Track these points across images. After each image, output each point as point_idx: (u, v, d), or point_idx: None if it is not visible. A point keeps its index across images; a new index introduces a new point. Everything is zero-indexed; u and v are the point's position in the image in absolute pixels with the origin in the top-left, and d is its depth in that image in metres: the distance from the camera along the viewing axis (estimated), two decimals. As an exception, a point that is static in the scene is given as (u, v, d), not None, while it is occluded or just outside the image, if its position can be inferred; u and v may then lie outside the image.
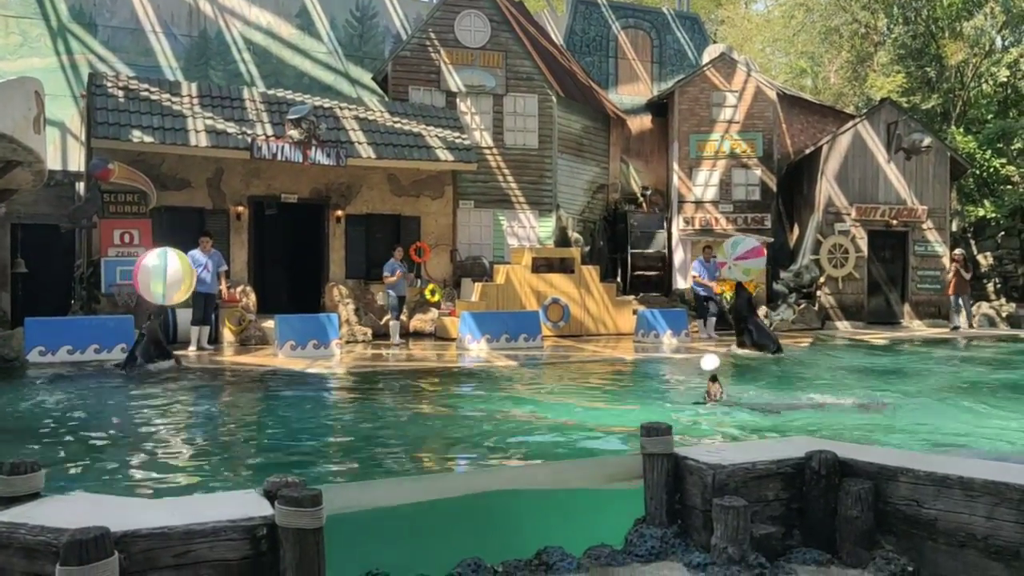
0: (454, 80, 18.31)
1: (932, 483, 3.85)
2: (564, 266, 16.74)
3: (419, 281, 16.12)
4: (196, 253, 12.89)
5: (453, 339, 14.59)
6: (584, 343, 14.90)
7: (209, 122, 14.92)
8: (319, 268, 16.43)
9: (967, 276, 18.74)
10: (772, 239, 20.04)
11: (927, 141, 19.70)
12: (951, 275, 18.97)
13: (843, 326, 19.40)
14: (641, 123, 22.51)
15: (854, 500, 3.97)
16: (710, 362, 9.84)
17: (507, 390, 10.00)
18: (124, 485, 5.19)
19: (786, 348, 14.51)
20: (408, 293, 15.34)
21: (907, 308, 20.38)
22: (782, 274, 19.75)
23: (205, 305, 13.14)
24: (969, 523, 3.70)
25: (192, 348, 12.75)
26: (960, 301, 18.86)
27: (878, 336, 17.22)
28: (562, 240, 18.47)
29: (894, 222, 20.13)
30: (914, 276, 20.34)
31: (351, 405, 8.83)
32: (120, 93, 14.86)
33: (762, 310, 18.83)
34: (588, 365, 12.31)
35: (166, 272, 10.71)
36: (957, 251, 19.30)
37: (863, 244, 19.99)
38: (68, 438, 6.73)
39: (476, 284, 16.08)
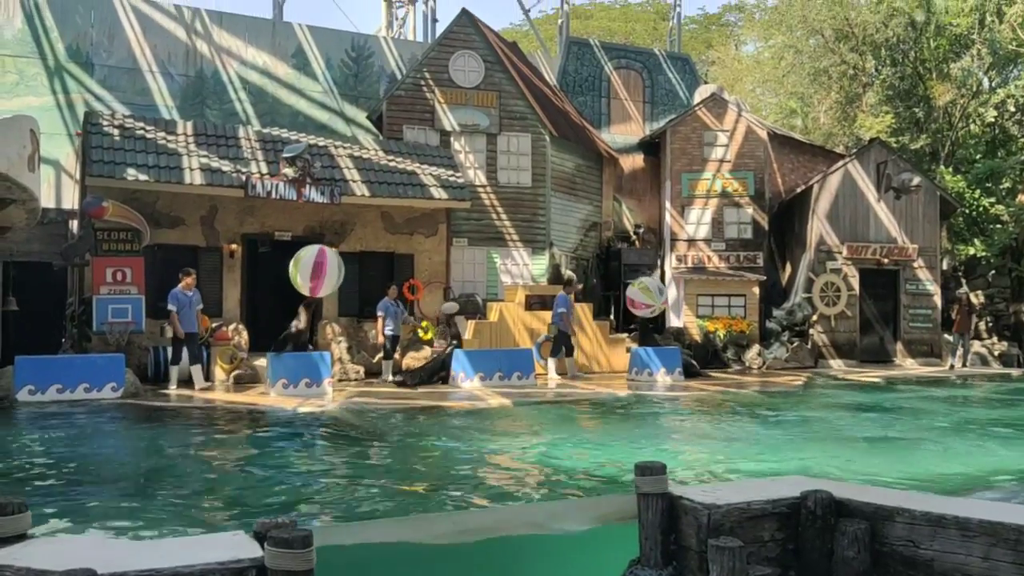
0: (448, 119, 18.46)
1: (928, 523, 3.83)
2: (557, 304, 16.69)
3: (412, 319, 16.10)
4: (178, 292, 12.87)
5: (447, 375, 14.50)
6: (577, 381, 14.84)
7: (204, 160, 14.99)
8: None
9: (973, 315, 18.89)
10: (764, 277, 20.13)
11: (916, 180, 19.90)
12: (956, 314, 19.11)
13: (836, 364, 19.40)
14: (633, 162, 22.69)
15: (850, 541, 3.94)
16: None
17: (500, 428, 9.94)
18: (111, 526, 5.12)
19: (779, 387, 14.52)
20: (402, 331, 15.31)
21: (899, 346, 20.41)
22: (775, 312, 19.79)
23: (195, 343, 13.10)
24: (965, 564, 3.68)
25: (198, 387, 12.67)
26: (962, 340, 18.96)
27: (873, 375, 17.22)
28: (556, 278, 18.50)
29: (885, 260, 20.24)
30: (906, 314, 20.40)
31: (342, 445, 8.76)
32: (115, 131, 14.94)
33: (755, 348, 18.87)
34: (582, 403, 12.26)
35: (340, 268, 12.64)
36: (962, 290, 19.44)
37: (855, 282, 20.08)
38: (56, 479, 6.65)
39: (469, 322, 16.05)
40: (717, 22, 44.32)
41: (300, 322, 13.01)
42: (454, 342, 14.79)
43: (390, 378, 14.38)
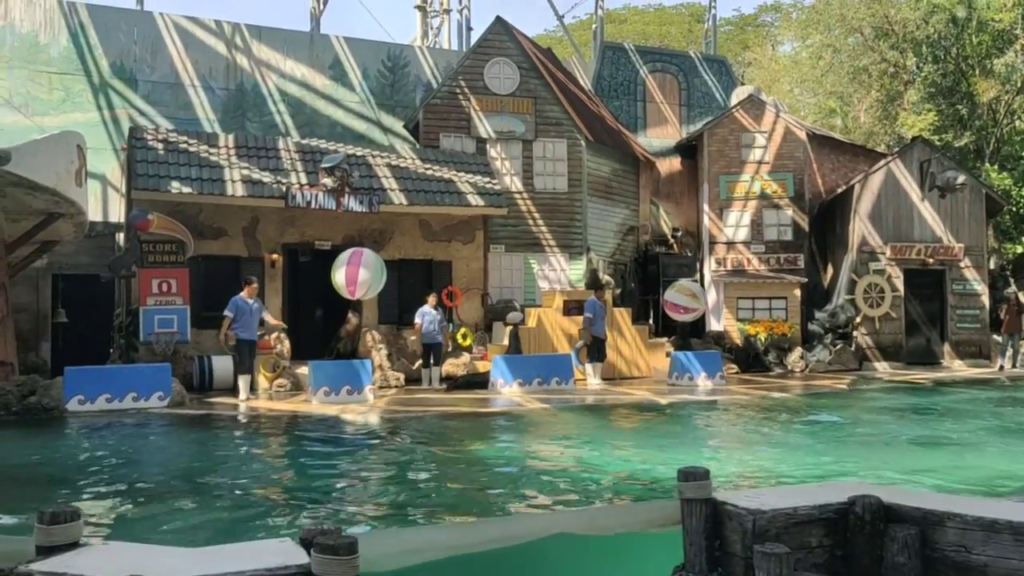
0: (484, 126, 18.53)
1: (981, 528, 3.74)
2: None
3: (451, 325, 16.14)
4: (239, 299, 12.88)
5: (485, 382, 14.53)
6: (617, 386, 14.78)
7: (245, 172, 15.22)
8: (346, 312, 16.50)
9: (1022, 315, 18.43)
10: (806, 279, 19.85)
11: (961, 179, 19.50)
12: (1005, 314, 18.66)
13: (881, 367, 19.05)
14: (670, 165, 22.56)
15: (901, 546, 3.87)
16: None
17: (541, 434, 9.93)
18: (161, 532, 5.21)
19: (823, 390, 14.31)
20: (443, 339, 15.19)
21: (947, 348, 19.99)
22: (817, 314, 19.51)
23: (250, 354, 12.96)
24: (1020, 569, 3.59)
25: (241, 396, 12.65)
26: (1011, 341, 18.52)
27: (920, 377, 16.89)
28: (593, 282, 18.43)
29: (930, 260, 19.85)
30: (953, 315, 19.98)
31: (385, 451, 8.81)
32: (160, 145, 15.23)
33: (797, 351, 18.62)
34: (621, 408, 12.20)
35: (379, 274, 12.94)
36: (1010, 289, 18.98)
37: (899, 283, 19.72)
38: (107, 486, 6.78)
39: (507, 327, 16.06)
40: (753, 23, 43.93)
41: (349, 326, 13.24)
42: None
43: (436, 384, 14.26)
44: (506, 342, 15.55)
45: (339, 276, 12.89)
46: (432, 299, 14.98)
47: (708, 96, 24.09)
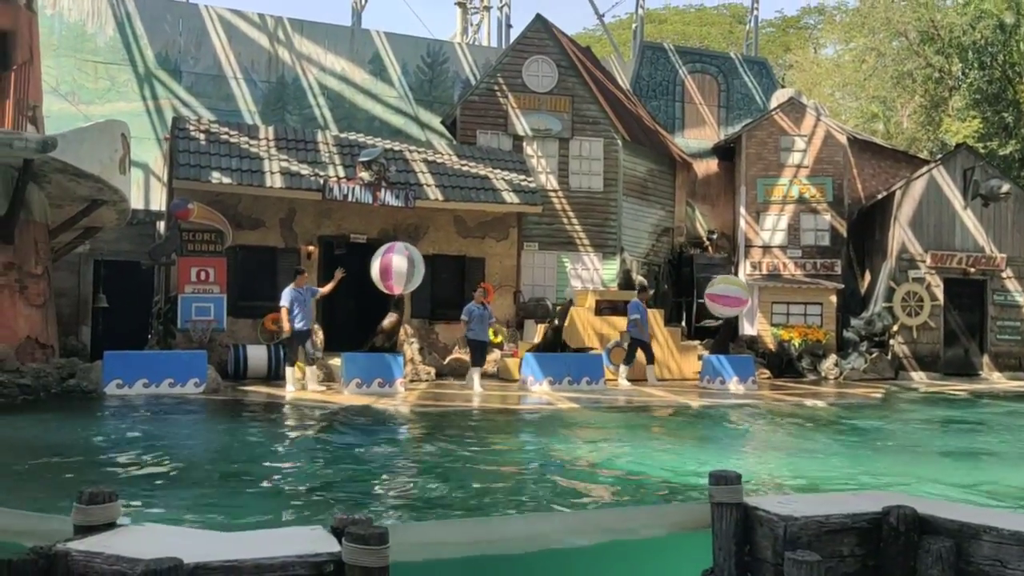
0: (521, 124, 18.53)
1: (1017, 543, 3.67)
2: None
3: (498, 323, 16.10)
4: (291, 289, 12.85)
5: (515, 380, 14.56)
6: (648, 387, 14.70)
7: (284, 164, 15.37)
8: (385, 308, 16.60)
9: None
10: (842, 285, 19.60)
11: (1006, 188, 19.11)
12: None
13: (918, 376, 18.76)
14: (707, 167, 22.40)
15: (934, 559, 3.81)
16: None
17: (569, 433, 9.92)
18: (197, 516, 5.29)
19: (857, 398, 14.12)
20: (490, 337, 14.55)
21: (986, 359, 19.62)
22: (853, 321, 19.26)
23: (301, 344, 12.85)
24: (1060, 588, 3.51)
25: (289, 388, 12.46)
26: None
27: (958, 388, 16.61)
28: (626, 283, 18.37)
29: (972, 270, 19.50)
30: (993, 326, 19.60)
31: (413, 445, 8.86)
32: (201, 136, 15.44)
33: (831, 358, 18.40)
34: (652, 410, 12.14)
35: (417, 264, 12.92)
36: None
37: (939, 292, 19.38)
38: (145, 469, 6.89)
39: (539, 325, 16.06)
40: (795, 25, 43.38)
41: (385, 322, 13.23)
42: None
43: (476, 388, 13.34)
44: (536, 339, 15.54)
45: (375, 273, 12.92)
46: (479, 294, 14.32)
47: (748, 98, 23.87)
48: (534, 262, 18.19)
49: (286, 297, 12.75)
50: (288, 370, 12.81)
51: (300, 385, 12.66)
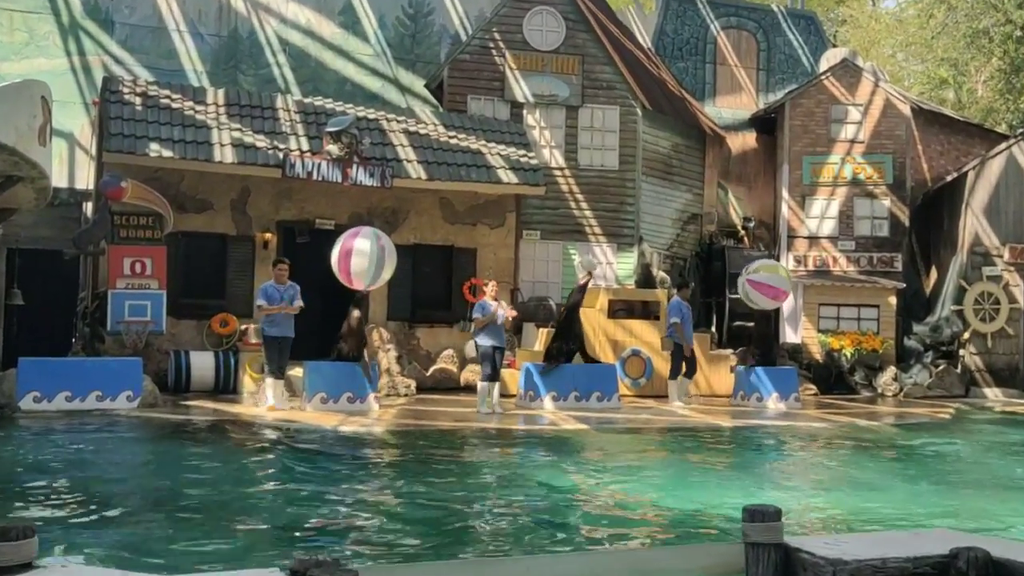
0: (521, 89, 18.53)
1: (1112, 594, 3.68)
2: (647, 311, 16.60)
3: (470, 325, 16.08)
4: (268, 286, 12.76)
5: (512, 396, 14.56)
6: (669, 405, 14.71)
7: (236, 135, 15.37)
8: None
9: None
10: (903, 284, 19.65)
11: (1100, 168, 19.18)
12: None
13: (992, 394, 18.81)
14: (743, 141, 22.41)
15: (1012, 611, 3.82)
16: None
17: (580, 459, 9.94)
18: (131, 555, 5.29)
19: (920, 419, 14.16)
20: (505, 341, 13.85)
21: (1075, 374, 19.68)
22: (915, 328, 19.31)
23: (279, 353, 12.62)
24: None
25: (268, 403, 12.33)
26: None
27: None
28: (645, 280, 18.39)
29: (1058, 267, 19.56)
30: (1084, 335, 19.66)
31: (391, 472, 8.87)
32: (137, 100, 15.42)
33: (890, 371, 18.44)
34: (675, 432, 12.17)
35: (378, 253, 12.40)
36: None
37: (1018, 293, 19.43)
38: (65, 500, 6.89)
39: (541, 330, 16.08)
40: (850, -28, 43.41)
41: (344, 328, 13.07)
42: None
43: (484, 409, 12.87)
44: (538, 347, 15.55)
45: (334, 263, 12.73)
46: (492, 289, 13.68)
47: (792, 59, 23.89)
48: (535, 254, 18.20)
49: (262, 295, 12.64)
50: (268, 382, 12.63)
51: (263, 400, 12.55)
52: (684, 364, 15.12)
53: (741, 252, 20.31)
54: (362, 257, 12.43)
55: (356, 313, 13.19)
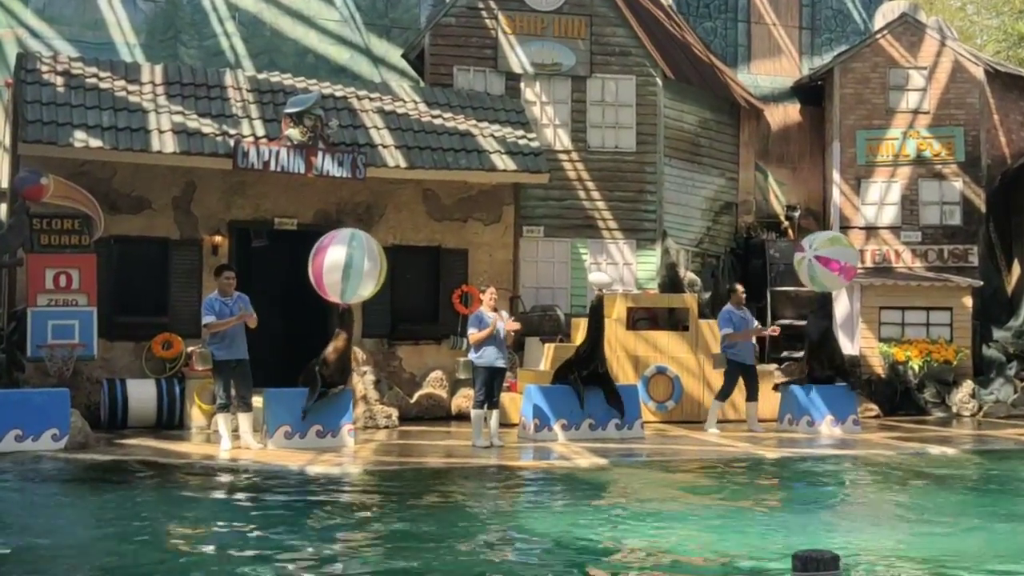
0: (517, 57, 18.54)
1: None
2: (674, 320, 16.59)
3: (462, 341, 16.05)
4: (214, 298, 12.60)
5: (514, 425, 14.55)
6: (702, 433, 14.70)
7: (178, 119, 15.35)
8: (324, 322, 16.57)
9: None
10: (981, 282, 19.63)
11: None
12: None
13: (1090, 411, 18.82)
14: (785, 115, 22.42)
15: None
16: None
17: (597, 503, 9.90)
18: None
19: (1003, 444, 14.14)
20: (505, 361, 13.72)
21: None
22: (996, 334, 19.31)
23: (238, 379, 12.47)
24: None
25: (224, 446, 12.26)
26: None
27: None
28: (671, 283, 18.38)
29: None
30: None
31: (368, 525, 8.83)
32: (59, 80, 15.41)
33: (966, 386, 18.41)
34: (711, 467, 12.15)
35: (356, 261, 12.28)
36: None
37: (1118, 290, 19.46)
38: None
39: (547, 346, 16.07)
40: (909, -90, 43.50)
41: (330, 349, 12.95)
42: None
43: (480, 442, 12.86)
44: (542, 367, 15.54)
45: (310, 270, 12.68)
46: (490, 297, 13.57)
47: (842, 15, 23.90)
48: (538, 254, 18.19)
49: (208, 310, 12.45)
50: (219, 418, 12.60)
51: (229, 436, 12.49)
52: (732, 384, 15.10)
53: (785, 246, 20.26)
54: (336, 266, 12.31)
55: (344, 335, 13.10)
